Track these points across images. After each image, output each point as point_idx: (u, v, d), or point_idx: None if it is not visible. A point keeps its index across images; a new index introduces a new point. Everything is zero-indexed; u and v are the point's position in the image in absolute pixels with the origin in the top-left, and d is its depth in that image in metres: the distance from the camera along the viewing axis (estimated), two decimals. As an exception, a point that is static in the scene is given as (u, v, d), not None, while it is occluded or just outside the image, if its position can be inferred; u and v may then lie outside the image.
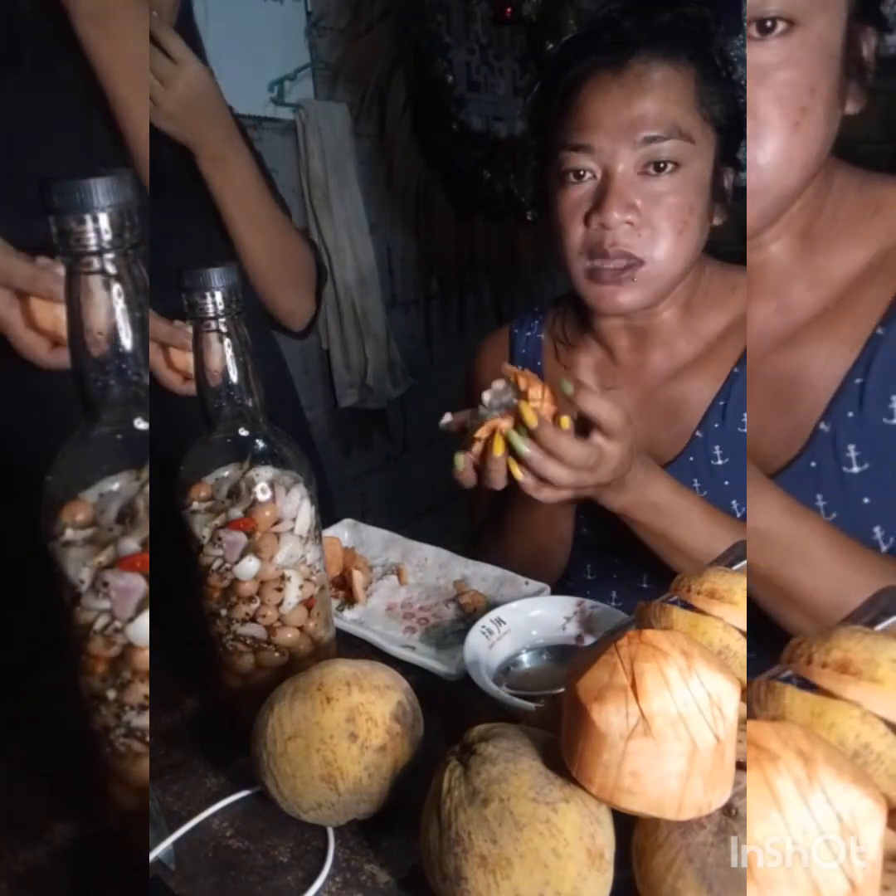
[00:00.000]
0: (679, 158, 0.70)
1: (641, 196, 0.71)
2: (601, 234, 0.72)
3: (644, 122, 0.69)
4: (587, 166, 0.72)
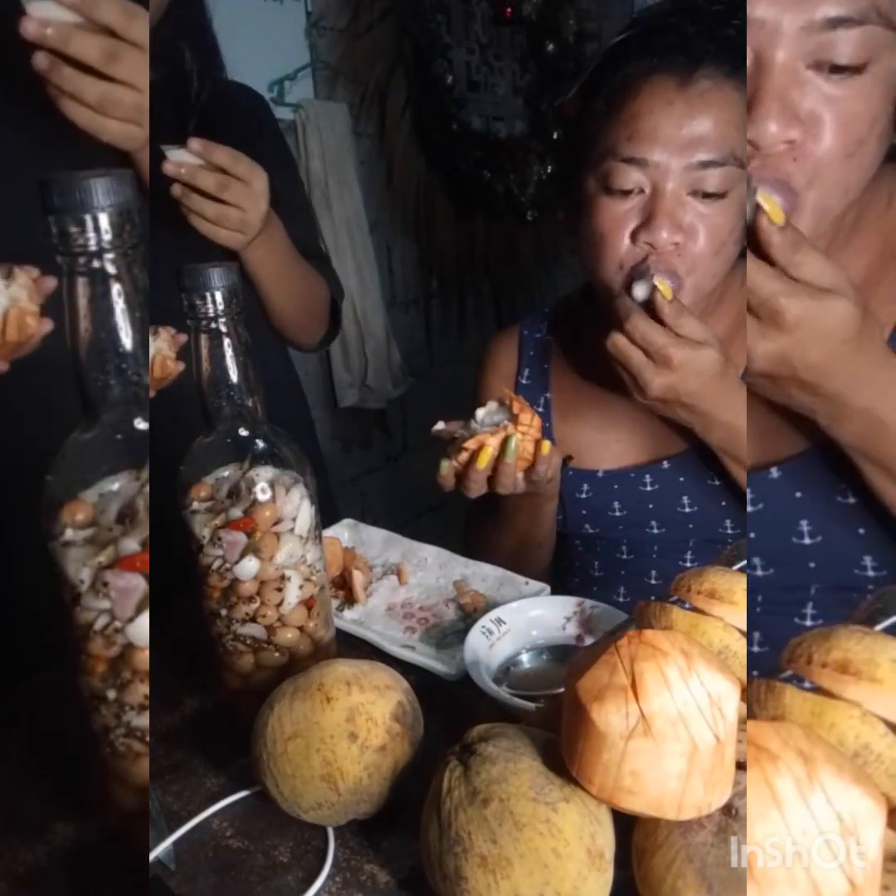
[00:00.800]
0: (729, 186, 0.67)
1: (688, 217, 0.68)
2: (645, 252, 0.70)
3: (703, 143, 0.66)
4: (638, 181, 0.68)
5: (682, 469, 0.79)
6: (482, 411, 0.71)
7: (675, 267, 0.70)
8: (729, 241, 0.70)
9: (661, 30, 0.68)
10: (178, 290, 0.52)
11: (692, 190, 0.68)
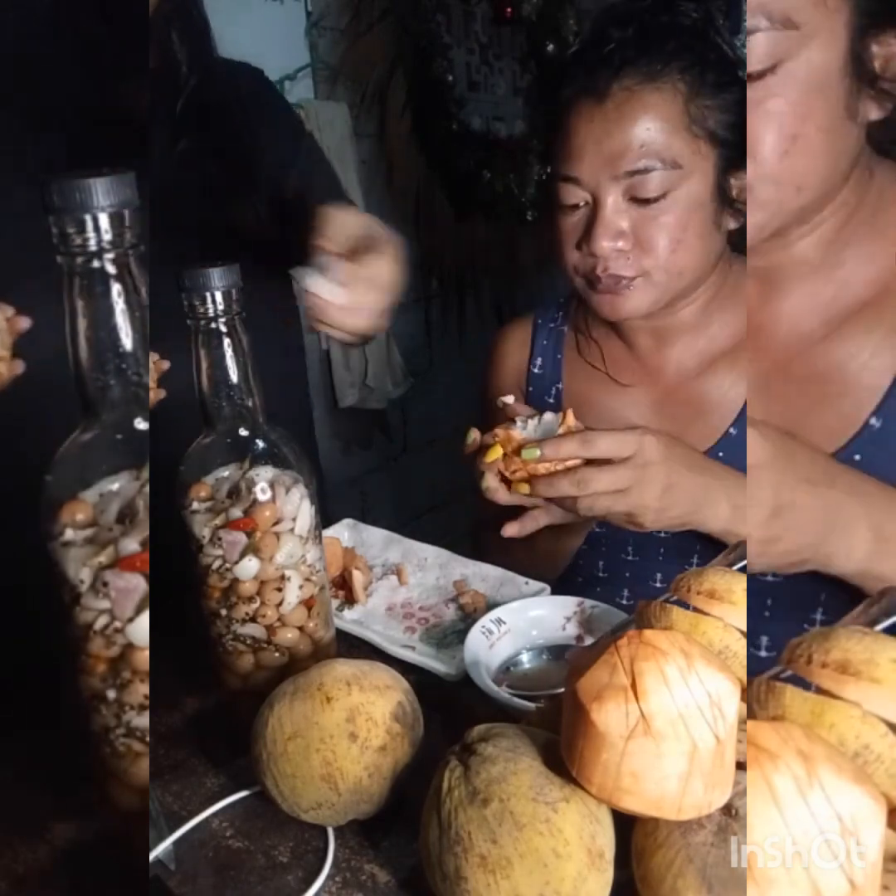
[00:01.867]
0: (666, 187, 0.69)
1: (630, 221, 0.71)
2: (593, 261, 0.73)
3: (624, 155, 0.69)
4: (578, 196, 0.73)
5: None
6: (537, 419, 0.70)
7: (623, 271, 0.73)
8: (686, 237, 0.71)
9: (589, 45, 0.72)
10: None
11: (630, 196, 0.71)
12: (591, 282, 0.75)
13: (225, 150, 0.91)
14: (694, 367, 0.81)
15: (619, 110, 0.69)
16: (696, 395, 0.81)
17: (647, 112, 0.69)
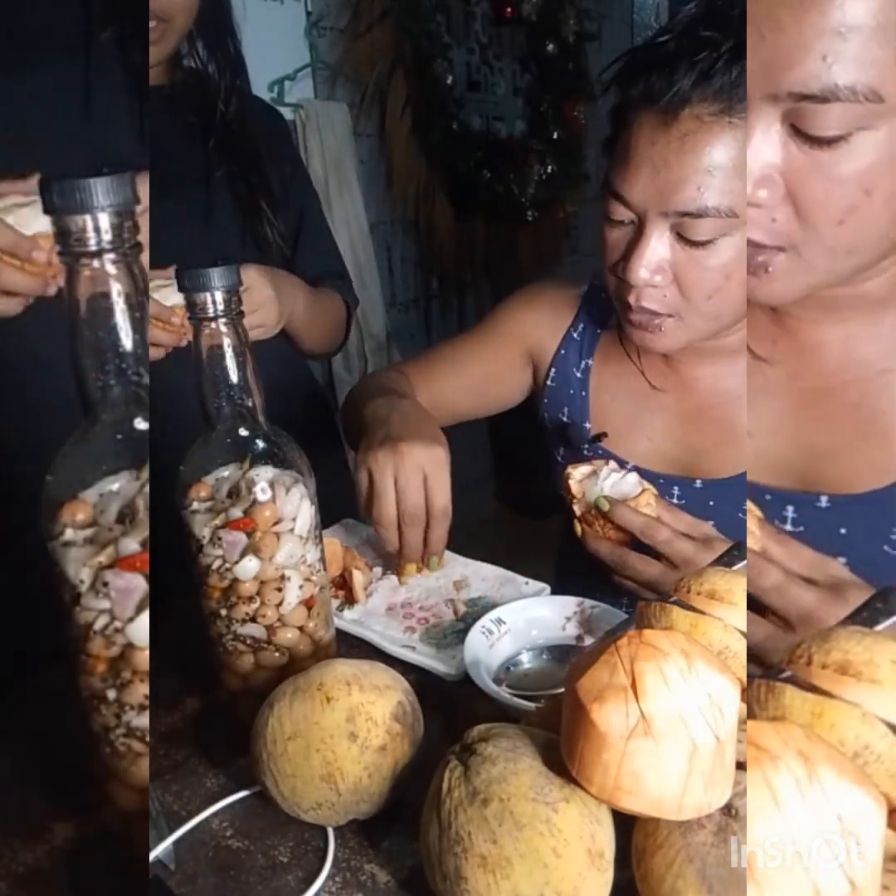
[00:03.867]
0: (716, 234, 0.64)
1: (672, 258, 0.66)
2: (627, 289, 0.69)
3: (678, 193, 0.63)
4: (625, 214, 0.68)
5: (714, 494, 0.76)
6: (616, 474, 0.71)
7: (656, 307, 0.69)
8: (727, 285, 0.66)
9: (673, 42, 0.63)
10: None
11: (677, 233, 0.66)
12: (624, 309, 0.72)
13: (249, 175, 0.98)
14: (732, 387, 0.78)
15: (684, 141, 0.62)
16: (730, 418, 0.78)
17: (714, 150, 0.61)
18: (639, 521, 0.66)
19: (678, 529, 0.66)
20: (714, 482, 0.77)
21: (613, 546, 0.69)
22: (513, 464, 0.98)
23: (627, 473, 0.71)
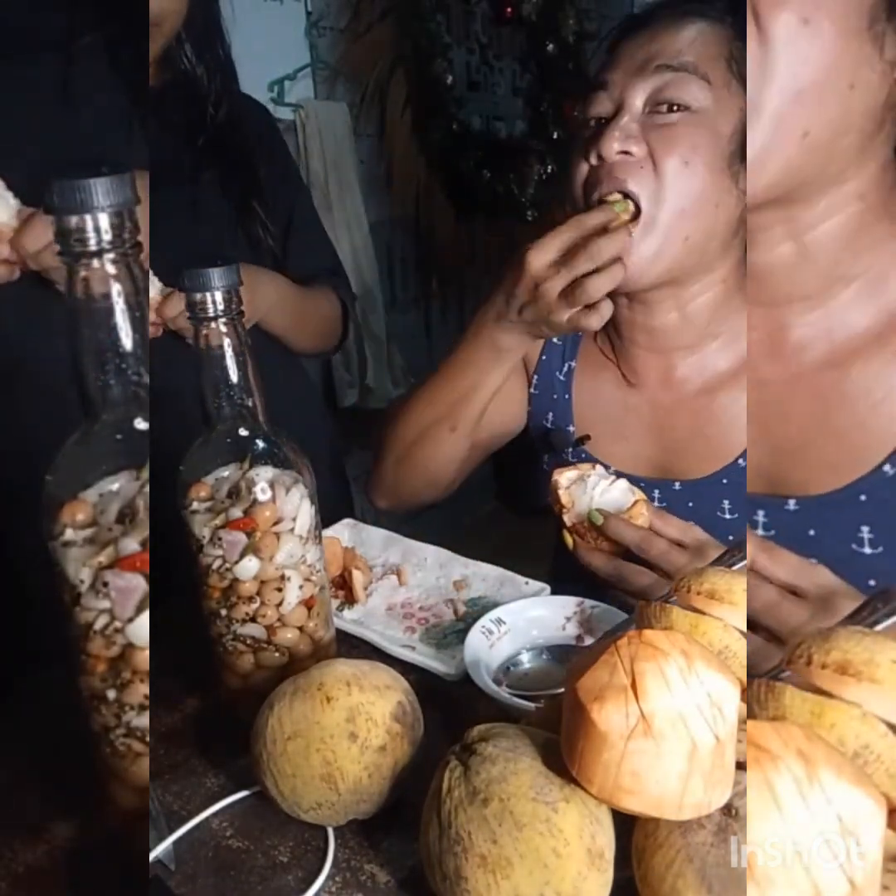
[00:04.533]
0: (690, 98, 0.67)
1: (645, 129, 0.69)
2: (600, 170, 0.70)
3: (660, 54, 0.69)
4: (603, 105, 0.71)
5: (693, 495, 0.76)
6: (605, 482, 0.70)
7: (628, 180, 0.68)
8: (694, 160, 0.67)
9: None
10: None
11: (653, 103, 0.69)
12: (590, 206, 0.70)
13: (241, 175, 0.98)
14: (700, 385, 0.77)
15: (666, 25, 0.70)
16: (704, 412, 0.77)
17: (693, 30, 0.69)
18: (634, 535, 0.66)
19: (672, 537, 0.66)
20: (691, 483, 0.77)
21: (607, 558, 0.68)
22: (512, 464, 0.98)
23: (616, 480, 0.70)
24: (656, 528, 0.67)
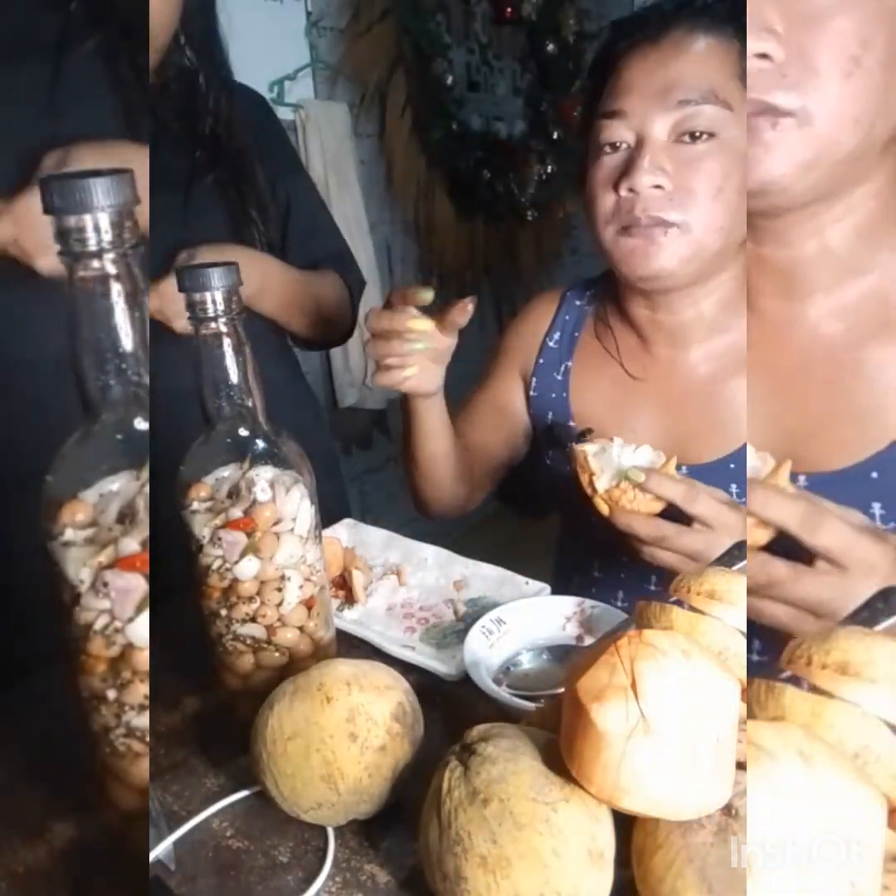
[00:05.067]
0: (715, 126, 0.68)
1: (674, 161, 0.69)
2: (632, 201, 0.71)
3: (678, 84, 0.68)
4: (621, 135, 0.71)
5: (700, 478, 0.74)
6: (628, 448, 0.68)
7: (664, 212, 0.70)
8: (727, 186, 0.69)
9: (646, 10, 0.73)
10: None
11: (677, 134, 0.69)
12: (626, 228, 0.72)
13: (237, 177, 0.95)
14: (711, 371, 0.79)
15: (676, 47, 0.69)
16: (712, 399, 0.78)
17: (706, 52, 0.68)
18: (678, 488, 0.62)
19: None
20: (698, 467, 0.77)
21: (647, 519, 0.64)
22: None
23: (638, 447, 0.68)
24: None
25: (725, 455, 0.76)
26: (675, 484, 0.62)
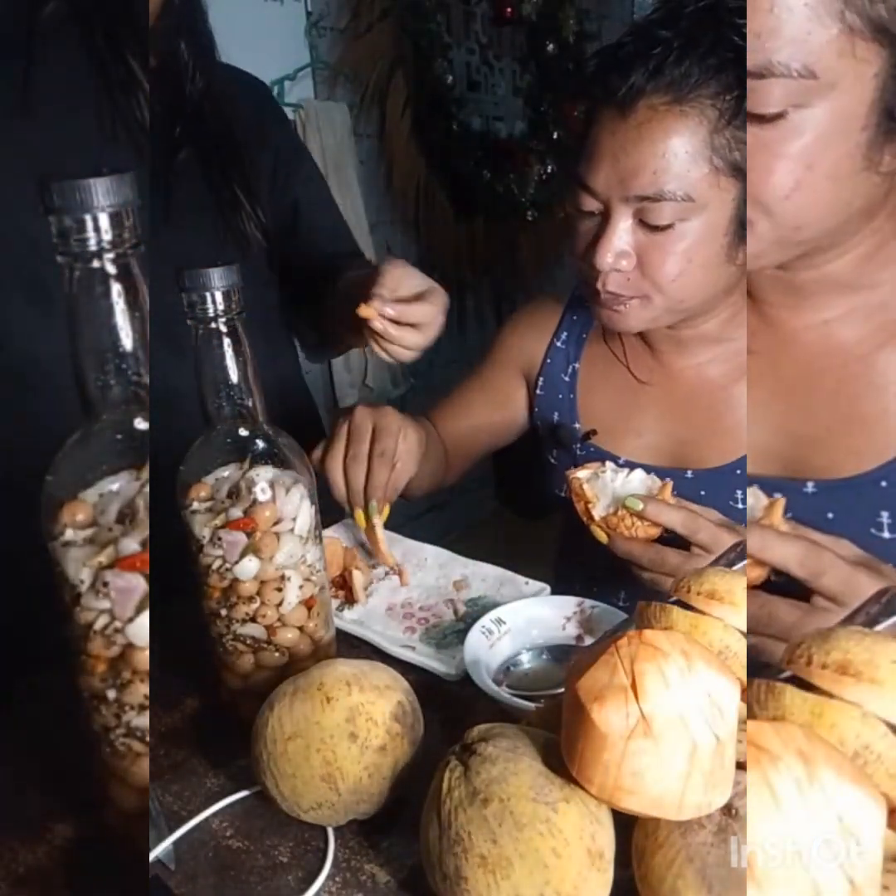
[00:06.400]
0: (676, 217, 0.67)
1: (636, 244, 0.69)
2: (594, 274, 0.72)
3: (637, 178, 0.66)
4: (592, 205, 0.71)
5: (705, 484, 0.77)
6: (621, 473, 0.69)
7: (623, 290, 0.71)
8: (691, 268, 0.69)
9: (624, 47, 0.67)
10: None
11: (639, 219, 0.68)
12: (591, 293, 0.74)
13: (225, 161, 0.90)
14: (718, 376, 0.79)
15: (640, 129, 0.66)
16: (717, 406, 0.79)
17: (668, 138, 0.65)
18: (677, 516, 0.63)
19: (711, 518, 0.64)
20: (704, 472, 0.77)
21: (646, 545, 0.66)
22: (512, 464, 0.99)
23: (631, 472, 0.70)
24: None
25: (732, 461, 0.76)
26: (674, 511, 0.64)
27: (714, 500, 0.75)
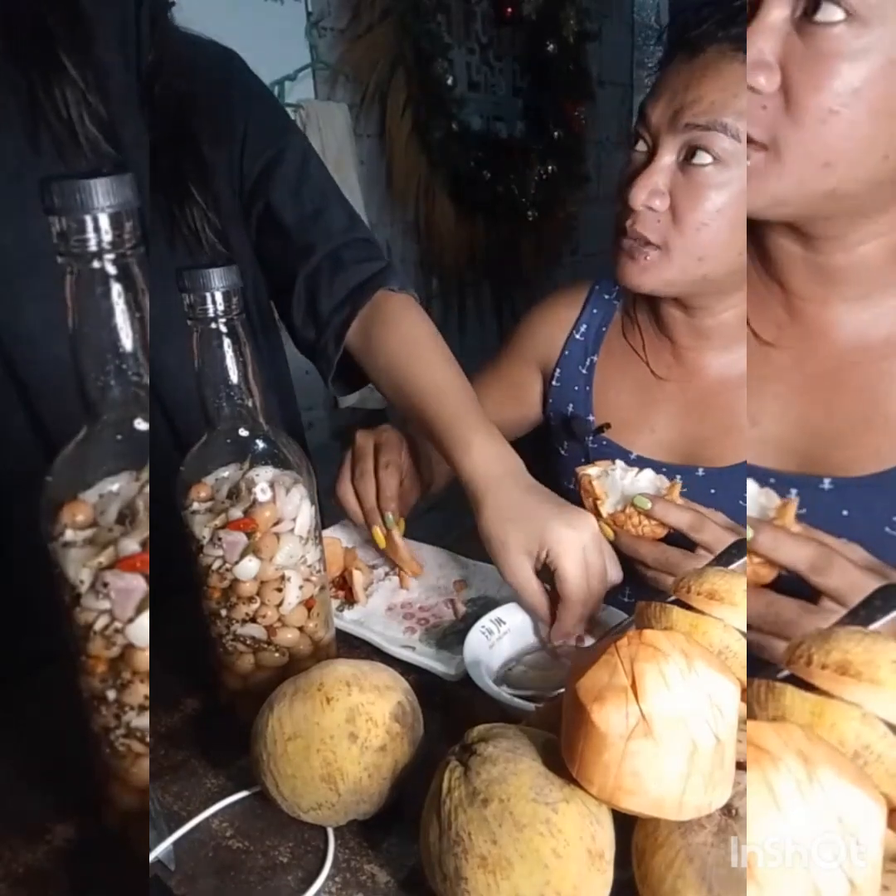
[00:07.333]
0: (718, 157, 0.68)
1: (674, 183, 0.70)
2: (626, 213, 0.73)
3: (692, 107, 0.68)
4: (641, 144, 0.73)
5: (716, 482, 0.77)
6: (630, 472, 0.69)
7: (648, 233, 0.72)
8: (719, 219, 0.70)
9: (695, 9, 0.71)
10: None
11: (684, 157, 0.70)
12: (622, 231, 0.74)
13: (194, 137, 0.80)
14: (737, 376, 0.80)
15: (706, 68, 0.69)
16: (733, 406, 0.79)
17: (732, 76, 0.67)
18: (685, 516, 0.64)
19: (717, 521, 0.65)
20: (716, 470, 0.77)
21: (651, 544, 0.66)
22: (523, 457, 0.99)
23: (640, 471, 0.70)
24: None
25: (743, 461, 0.76)
26: (682, 512, 0.64)
27: (724, 498, 0.75)
